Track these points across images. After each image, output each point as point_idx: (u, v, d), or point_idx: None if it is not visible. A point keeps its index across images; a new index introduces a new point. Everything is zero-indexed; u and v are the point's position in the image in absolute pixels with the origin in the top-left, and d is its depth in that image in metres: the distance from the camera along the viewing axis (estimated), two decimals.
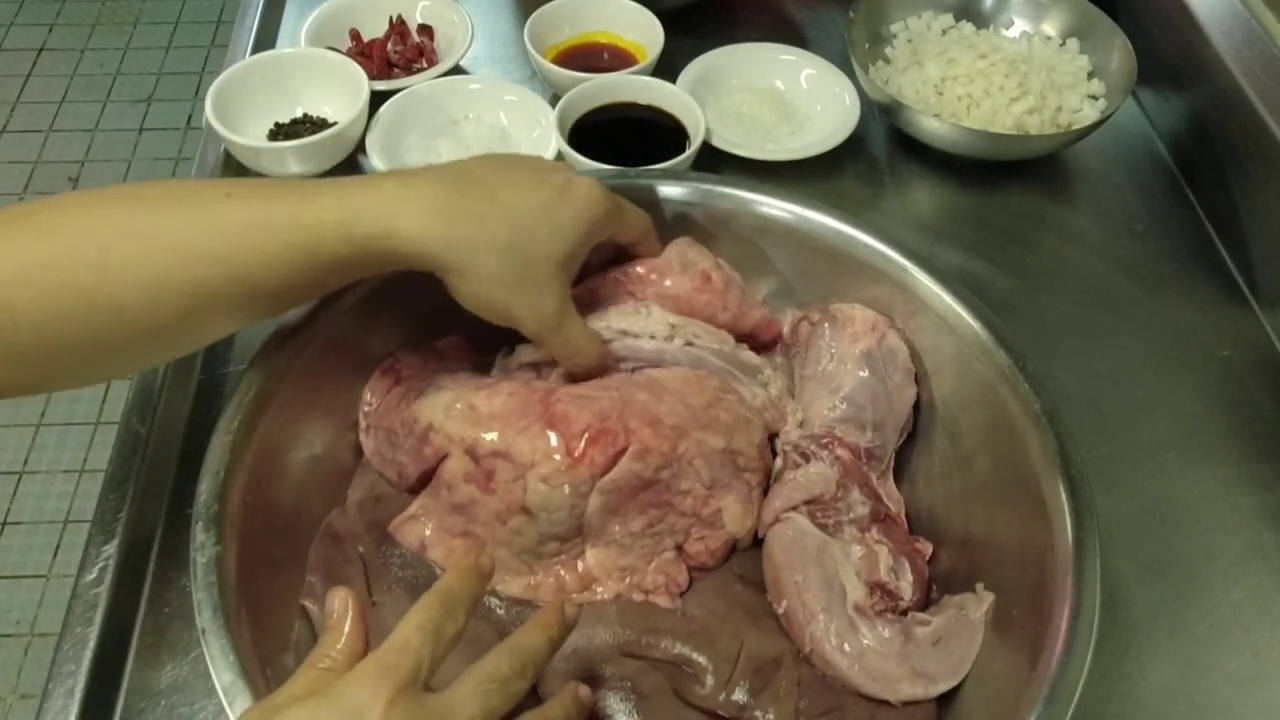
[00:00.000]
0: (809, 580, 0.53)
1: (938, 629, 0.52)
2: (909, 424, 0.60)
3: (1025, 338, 0.55)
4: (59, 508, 1.56)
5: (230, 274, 0.45)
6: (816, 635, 0.51)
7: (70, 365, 0.45)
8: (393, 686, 0.37)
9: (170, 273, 0.44)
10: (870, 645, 0.51)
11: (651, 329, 0.58)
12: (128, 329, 0.44)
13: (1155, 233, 0.80)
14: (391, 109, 0.81)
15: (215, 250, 0.44)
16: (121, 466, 0.61)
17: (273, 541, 0.51)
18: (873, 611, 0.53)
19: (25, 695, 1.39)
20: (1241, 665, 0.58)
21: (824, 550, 0.54)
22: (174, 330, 0.46)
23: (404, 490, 0.56)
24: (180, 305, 0.45)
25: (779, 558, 0.54)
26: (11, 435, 1.63)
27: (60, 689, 0.53)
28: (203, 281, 0.45)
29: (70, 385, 0.47)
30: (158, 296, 0.44)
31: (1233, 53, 0.78)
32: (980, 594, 0.52)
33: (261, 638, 0.47)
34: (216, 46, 2.32)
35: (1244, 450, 0.67)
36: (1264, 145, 0.73)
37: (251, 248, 0.45)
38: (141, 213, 0.45)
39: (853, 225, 0.60)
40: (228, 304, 0.46)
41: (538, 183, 0.52)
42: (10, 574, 1.49)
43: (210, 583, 0.45)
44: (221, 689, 0.43)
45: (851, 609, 0.52)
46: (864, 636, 0.51)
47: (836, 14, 0.95)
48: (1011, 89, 0.81)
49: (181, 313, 0.45)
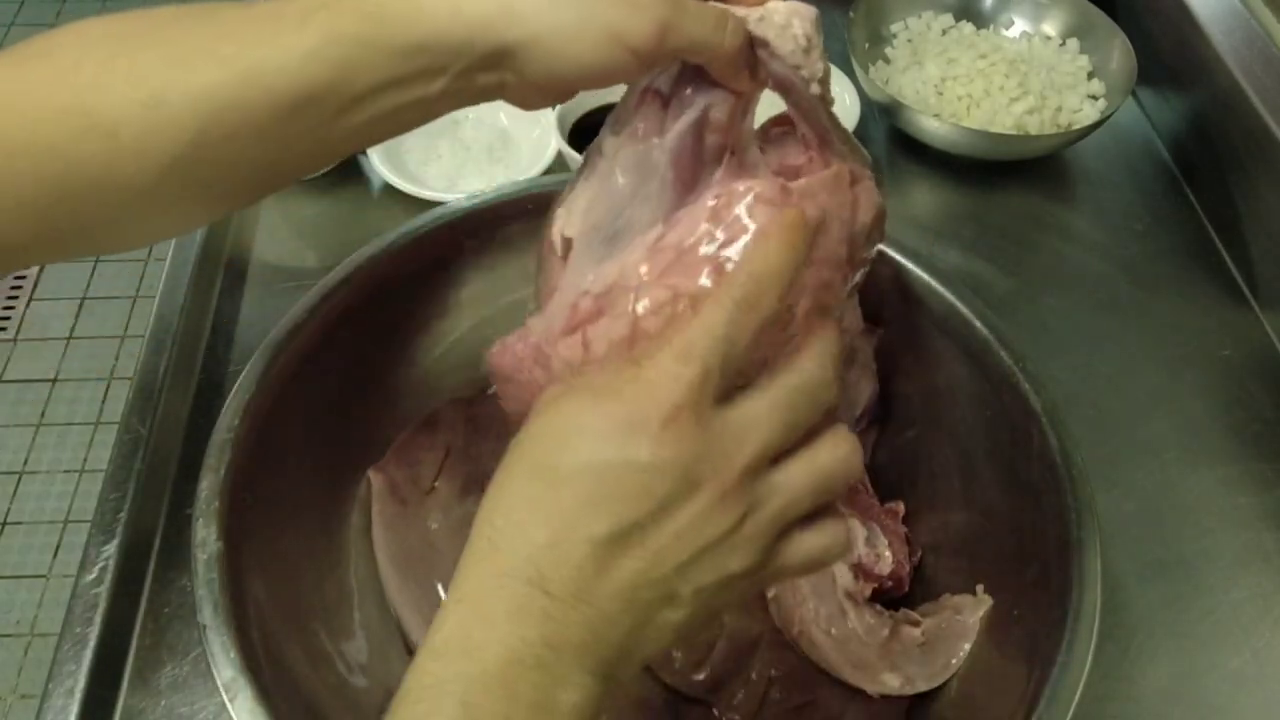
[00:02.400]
0: None
1: (926, 632, 0.52)
2: (870, 417, 0.61)
3: (1025, 338, 0.55)
4: (59, 508, 1.56)
5: (236, 77, 0.37)
6: (805, 618, 0.52)
7: (78, 213, 0.39)
8: (672, 400, 0.33)
9: (170, 85, 0.37)
10: (855, 632, 0.52)
11: None
12: (131, 161, 0.37)
13: (1155, 233, 0.80)
14: None
15: (219, 53, 0.37)
16: (121, 466, 0.61)
17: (274, 539, 0.51)
18: (862, 598, 0.53)
19: (25, 695, 1.39)
20: (1241, 665, 0.58)
21: None
22: (188, 163, 0.38)
23: None
24: (185, 124, 0.37)
25: None
26: (11, 435, 1.63)
27: (60, 689, 0.53)
28: (208, 91, 0.37)
29: (94, 244, 0.42)
30: (156, 115, 0.37)
31: (1233, 53, 0.78)
32: (979, 597, 0.53)
33: (264, 635, 0.47)
34: None
35: (1244, 450, 0.67)
36: (1264, 145, 0.73)
37: (257, 43, 0.37)
38: (146, 25, 0.38)
39: None
40: (241, 121, 0.38)
41: None
42: (10, 574, 1.49)
43: (211, 579, 0.45)
44: (222, 685, 0.43)
45: (842, 594, 0.53)
46: (851, 622, 0.52)
47: (836, 14, 0.95)
48: (1011, 89, 0.81)
49: (190, 135, 0.37)
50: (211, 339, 0.70)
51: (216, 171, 0.39)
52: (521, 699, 0.31)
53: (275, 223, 0.78)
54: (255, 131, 0.38)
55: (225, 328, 0.71)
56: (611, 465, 0.33)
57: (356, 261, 0.57)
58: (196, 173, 0.39)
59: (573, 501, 0.33)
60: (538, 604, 0.32)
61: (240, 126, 0.38)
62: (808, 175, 0.41)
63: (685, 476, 0.33)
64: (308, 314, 0.55)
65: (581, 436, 0.34)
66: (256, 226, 0.77)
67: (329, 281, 0.56)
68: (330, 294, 0.56)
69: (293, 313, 0.54)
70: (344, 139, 0.40)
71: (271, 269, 0.75)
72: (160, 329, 0.67)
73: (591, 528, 0.33)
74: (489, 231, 0.61)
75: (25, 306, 1.78)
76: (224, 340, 0.70)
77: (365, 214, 0.79)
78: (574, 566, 0.33)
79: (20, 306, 1.78)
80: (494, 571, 0.33)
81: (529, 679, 0.32)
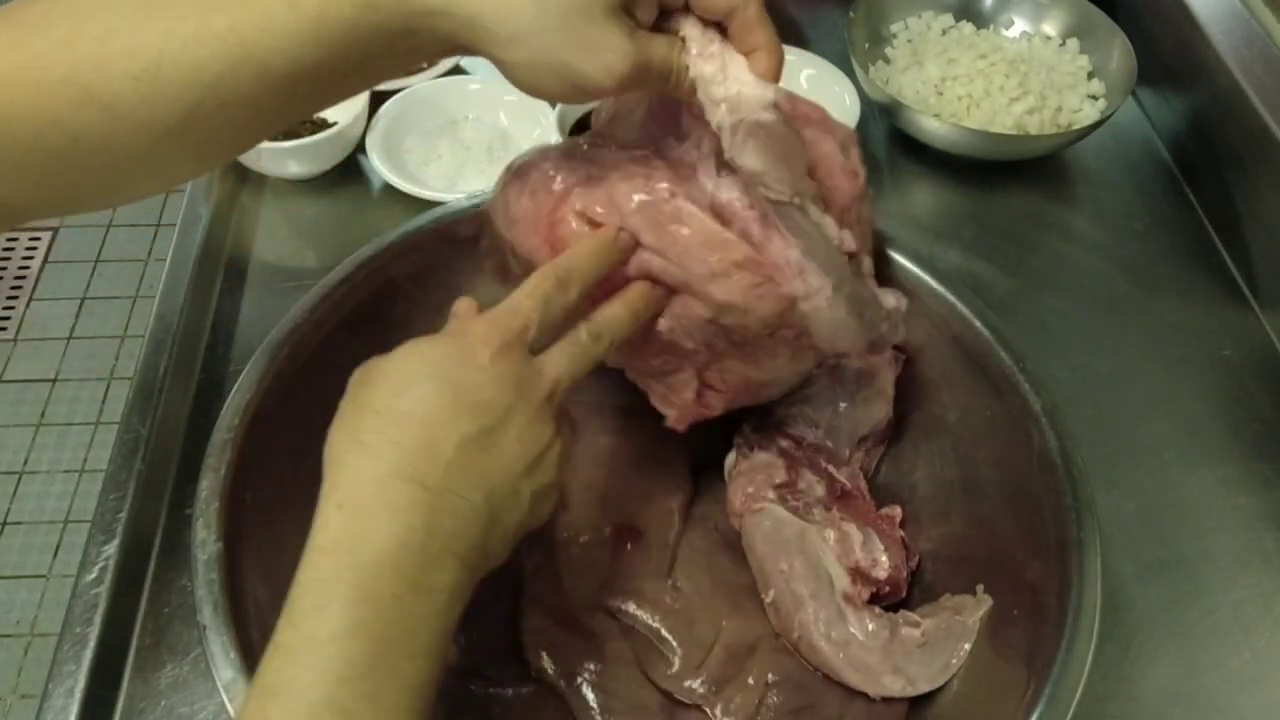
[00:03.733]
0: (795, 569, 0.53)
1: (926, 632, 0.52)
2: (878, 438, 0.60)
3: (1025, 338, 0.55)
4: (59, 508, 1.56)
5: (230, 53, 0.39)
6: (805, 622, 0.52)
7: (75, 178, 0.41)
8: (500, 339, 0.41)
9: (164, 59, 0.38)
10: (855, 635, 0.52)
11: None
12: (128, 131, 0.39)
13: (1155, 233, 0.80)
14: (391, 109, 0.81)
15: (213, 27, 0.39)
16: (121, 466, 0.61)
17: (274, 539, 0.51)
18: (861, 601, 0.53)
19: (25, 695, 1.39)
20: (1241, 665, 0.58)
21: (804, 537, 0.55)
22: (182, 131, 0.40)
23: None
24: (180, 97, 0.39)
25: (761, 548, 0.55)
26: (11, 435, 1.63)
27: (60, 689, 0.53)
28: (201, 65, 0.39)
29: (91, 204, 0.44)
30: (151, 89, 0.39)
31: (1233, 53, 0.78)
32: (979, 597, 0.53)
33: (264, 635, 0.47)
34: None
35: (1244, 450, 0.67)
36: (1264, 145, 0.73)
37: (250, 21, 0.39)
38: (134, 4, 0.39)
39: None
40: (235, 93, 0.40)
41: None
42: (10, 574, 1.49)
43: (211, 579, 0.46)
44: (222, 686, 0.43)
45: (840, 597, 0.53)
46: (851, 626, 0.52)
47: (836, 14, 0.95)
48: (1011, 89, 0.81)
49: (184, 107, 0.39)
50: (211, 339, 0.70)
51: (210, 137, 0.42)
52: (406, 579, 0.37)
53: (275, 223, 0.78)
54: (249, 103, 0.40)
55: (225, 328, 0.70)
56: (462, 383, 0.40)
57: (356, 261, 0.57)
58: (191, 139, 0.41)
59: (436, 410, 0.40)
60: (419, 497, 0.38)
61: (234, 97, 0.40)
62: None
63: (515, 392, 0.41)
64: (308, 314, 0.55)
65: (433, 363, 0.41)
66: (256, 226, 0.77)
67: (329, 281, 0.56)
68: (330, 294, 0.56)
69: (293, 313, 0.54)
70: (334, 100, 0.45)
71: (271, 269, 0.75)
72: (160, 329, 0.67)
73: (458, 429, 0.40)
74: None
75: (25, 306, 1.78)
76: (224, 340, 0.70)
77: (365, 214, 0.79)
78: (445, 462, 0.39)
79: (20, 306, 1.78)
80: (373, 477, 0.39)
81: (414, 562, 0.37)
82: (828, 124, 0.51)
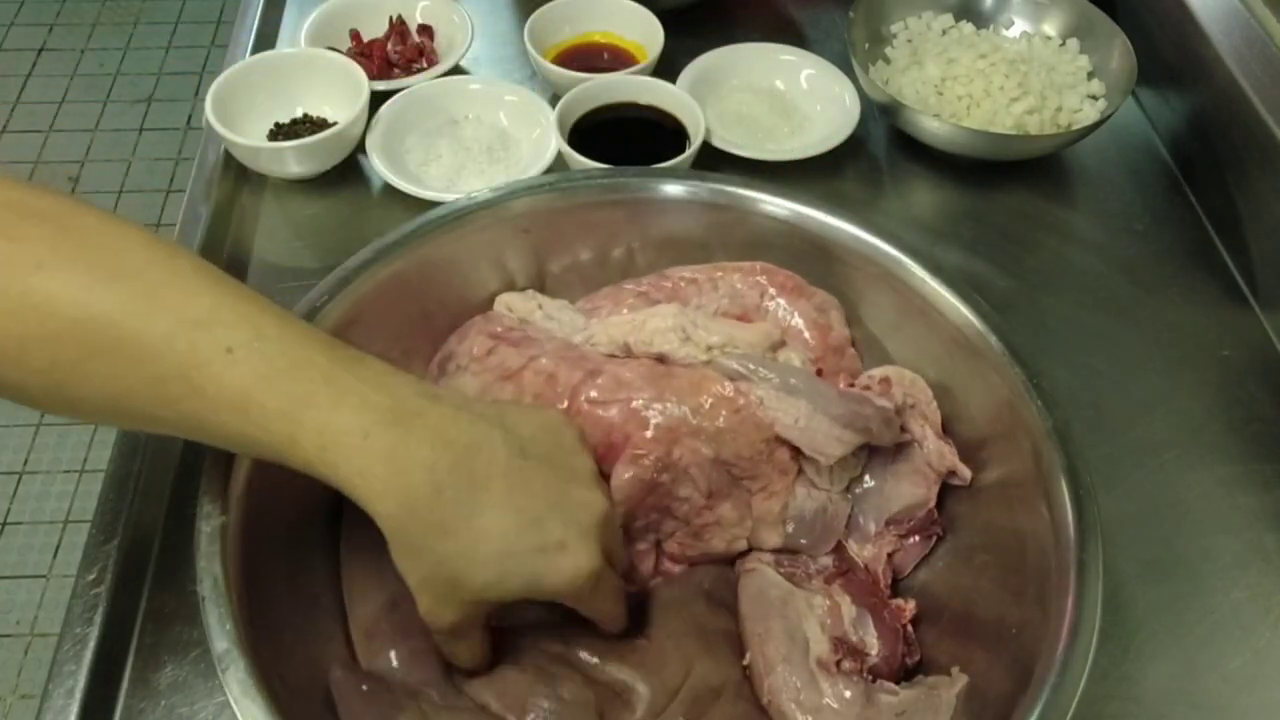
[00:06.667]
0: (770, 632, 0.51)
1: (904, 701, 0.50)
2: (912, 527, 0.57)
3: (1025, 338, 0.55)
4: (59, 508, 1.57)
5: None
6: (775, 687, 0.50)
7: None
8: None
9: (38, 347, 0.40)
10: (828, 704, 0.49)
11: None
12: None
13: (1155, 233, 0.80)
14: (391, 109, 0.81)
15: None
16: (121, 466, 0.61)
17: (277, 523, 0.51)
18: (836, 668, 0.51)
19: (25, 695, 1.39)
20: (1241, 665, 0.58)
21: (788, 602, 0.53)
22: (39, 397, 0.42)
23: None
24: (42, 373, 0.41)
25: (745, 609, 0.53)
26: (11, 435, 1.63)
27: (60, 689, 0.53)
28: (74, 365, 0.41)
29: None
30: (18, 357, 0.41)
31: (1233, 53, 0.78)
32: (955, 675, 0.50)
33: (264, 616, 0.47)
34: (216, 46, 2.32)
35: (1244, 450, 0.67)
36: (1264, 145, 0.73)
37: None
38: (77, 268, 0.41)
39: (856, 224, 0.60)
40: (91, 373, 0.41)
41: (533, 524, 0.44)
42: (10, 574, 1.49)
43: (213, 552, 0.46)
44: (216, 656, 0.43)
45: (814, 663, 0.51)
46: (824, 694, 0.49)
47: (836, 14, 0.95)
48: (1011, 89, 0.81)
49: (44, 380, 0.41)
50: None
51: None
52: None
53: (275, 223, 0.78)
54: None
55: None
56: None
57: (356, 261, 0.57)
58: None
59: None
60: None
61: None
62: None
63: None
64: (307, 314, 0.55)
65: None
66: (256, 226, 0.77)
67: (328, 281, 0.56)
68: (330, 293, 0.56)
69: (299, 306, 0.54)
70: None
71: (271, 269, 0.75)
72: None
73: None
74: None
75: None
76: None
77: (365, 214, 0.79)
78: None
79: None
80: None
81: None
82: (803, 290, 0.62)
